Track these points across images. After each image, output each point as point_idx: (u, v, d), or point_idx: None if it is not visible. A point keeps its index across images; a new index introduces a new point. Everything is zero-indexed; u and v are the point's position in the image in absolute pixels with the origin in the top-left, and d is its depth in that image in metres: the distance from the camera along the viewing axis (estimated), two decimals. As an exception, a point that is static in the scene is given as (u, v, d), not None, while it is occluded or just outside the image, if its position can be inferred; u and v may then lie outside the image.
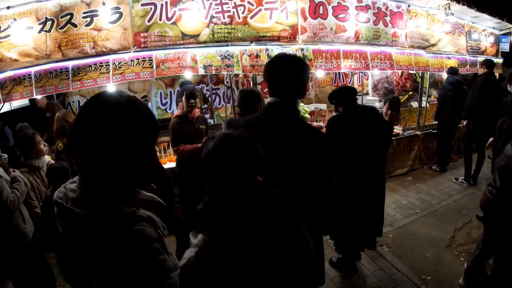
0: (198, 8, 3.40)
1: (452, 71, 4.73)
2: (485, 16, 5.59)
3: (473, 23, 5.79)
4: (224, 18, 3.48)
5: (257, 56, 3.56)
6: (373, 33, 4.31)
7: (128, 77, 3.33)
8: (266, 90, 1.45)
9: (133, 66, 3.32)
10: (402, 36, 4.63)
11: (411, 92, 5.86)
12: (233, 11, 3.49)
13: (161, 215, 0.83)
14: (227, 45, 3.51)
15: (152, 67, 3.31)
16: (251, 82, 5.17)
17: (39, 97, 3.63)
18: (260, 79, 4.71)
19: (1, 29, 3.19)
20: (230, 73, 3.62)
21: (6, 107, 3.62)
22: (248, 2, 3.53)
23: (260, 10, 3.58)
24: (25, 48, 3.24)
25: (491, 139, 3.54)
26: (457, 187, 4.52)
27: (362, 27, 4.21)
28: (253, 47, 3.58)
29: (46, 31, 3.26)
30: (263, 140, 0.99)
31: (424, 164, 5.23)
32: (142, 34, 3.36)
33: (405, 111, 5.18)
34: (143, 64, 3.33)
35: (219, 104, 5.79)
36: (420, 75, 5.09)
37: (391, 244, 3.24)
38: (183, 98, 3.08)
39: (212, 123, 5.09)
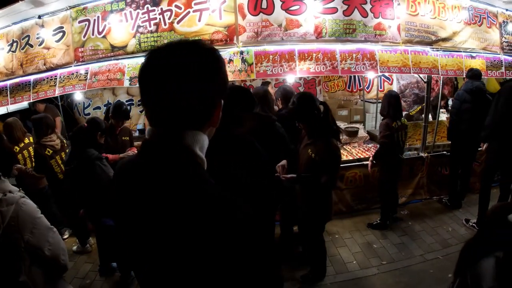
0: (126, 19, 3.35)
1: (472, 74, 3.35)
2: (524, 1, 3.77)
3: (507, 10, 4.01)
4: (150, 27, 3.32)
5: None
6: (344, 26, 3.39)
7: (67, 89, 3.58)
8: None
9: (72, 79, 3.53)
10: (393, 28, 3.51)
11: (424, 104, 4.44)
12: (159, 18, 3.29)
13: None
14: (154, 54, 3.33)
15: (86, 79, 3.44)
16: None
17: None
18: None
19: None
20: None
21: (3, 110, 4.28)
22: (176, 6, 3.26)
23: (188, 13, 3.26)
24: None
25: None
26: (463, 233, 3.18)
27: (326, 19, 3.37)
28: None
29: (12, 51, 3.79)
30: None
31: (433, 194, 3.89)
32: (80, 49, 3.53)
33: (411, 126, 3.95)
34: (79, 77, 3.50)
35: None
36: (425, 80, 3.76)
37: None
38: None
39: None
